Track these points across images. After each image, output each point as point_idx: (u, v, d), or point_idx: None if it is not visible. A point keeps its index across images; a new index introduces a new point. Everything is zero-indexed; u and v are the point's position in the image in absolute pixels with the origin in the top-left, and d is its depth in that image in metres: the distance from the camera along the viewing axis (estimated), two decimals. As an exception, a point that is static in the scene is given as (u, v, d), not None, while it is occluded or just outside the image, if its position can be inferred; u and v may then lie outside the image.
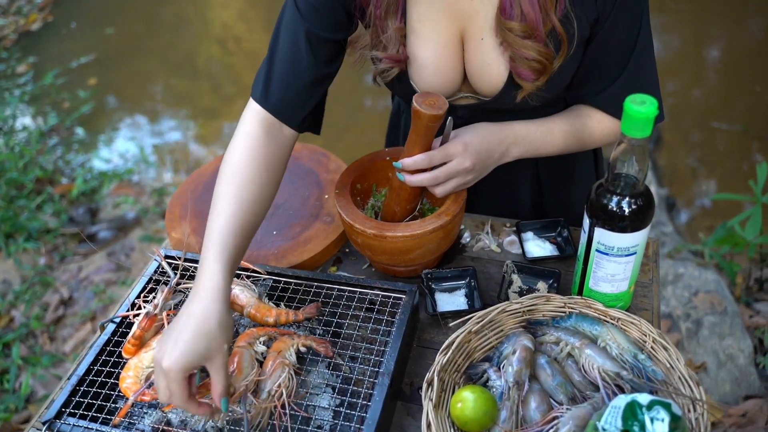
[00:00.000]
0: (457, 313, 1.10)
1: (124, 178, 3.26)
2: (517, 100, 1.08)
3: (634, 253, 0.99)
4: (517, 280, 1.15)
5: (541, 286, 1.14)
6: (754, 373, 2.09)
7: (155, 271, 1.15)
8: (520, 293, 1.14)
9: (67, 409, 0.96)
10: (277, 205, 1.30)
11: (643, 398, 0.82)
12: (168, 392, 0.85)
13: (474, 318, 1.01)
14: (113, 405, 0.99)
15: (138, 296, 1.10)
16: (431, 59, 1.09)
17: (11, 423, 2.17)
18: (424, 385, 0.92)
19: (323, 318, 1.07)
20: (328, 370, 1.01)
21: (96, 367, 1.02)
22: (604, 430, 0.81)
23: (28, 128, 3.69)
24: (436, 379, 0.93)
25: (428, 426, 0.88)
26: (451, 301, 1.14)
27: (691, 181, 3.19)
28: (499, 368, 0.98)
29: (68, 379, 1.01)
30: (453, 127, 1.08)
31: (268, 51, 1.09)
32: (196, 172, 1.41)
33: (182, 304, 1.03)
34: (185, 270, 1.13)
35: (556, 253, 1.20)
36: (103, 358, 1.03)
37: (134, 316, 1.05)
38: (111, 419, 0.96)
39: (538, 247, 1.21)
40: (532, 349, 0.99)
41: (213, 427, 0.94)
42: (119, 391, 0.99)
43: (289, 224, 1.26)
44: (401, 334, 1.00)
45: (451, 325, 1.06)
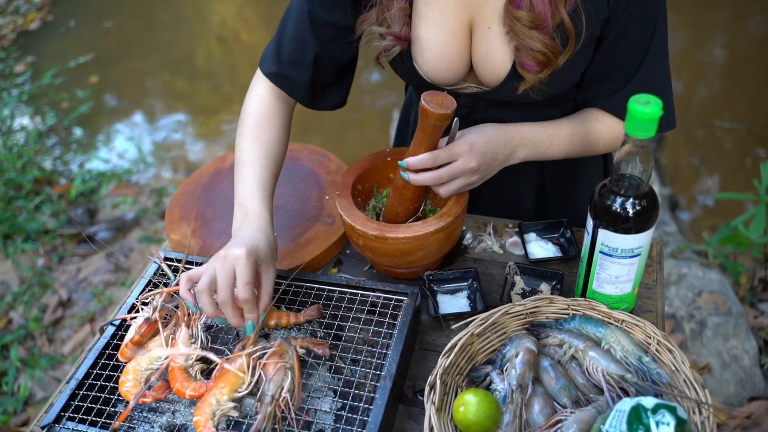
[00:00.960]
0: (459, 316, 1.09)
1: (122, 179, 3.25)
2: (518, 92, 1.08)
3: (639, 255, 0.99)
4: (520, 282, 1.15)
5: (544, 287, 1.14)
6: (759, 375, 2.08)
7: (154, 274, 1.14)
8: (523, 295, 1.14)
9: (67, 414, 0.96)
10: (278, 207, 1.30)
11: (648, 401, 0.82)
12: (225, 279, 0.90)
13: (476, 320, 1.01)
14: (113, 409, 0.99)
15: (137, 298, 1.09)
16: (435, 43, 1.08)
17: (10, 425, 2.17)
18: (427, 389, 0.92)
19: (324, 321, 1.07)
20: (330, 373, 1.01)
21: (95, 371, 1.01)
22: (609, 434, 0.81)
23: (26, 128, 3.69)
24: (438, 382, 0.92)
25: (431, 430, 0.88)
26: (453, 303, 1.13)
27: (694, 180, 3.19)
28: (502, 371, 0.97)
29: (67, 382, 1.01)
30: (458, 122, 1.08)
31: (279, 26, 1.16)
32: (196, 174, 1.40)
33: (179, 307, 1.03)
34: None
35: (559, 254, 1.20)
36: (103, 361, 1.03)
37: (132, 319, 1.05)
38: (111, 423, 0.95)
39: (540, 249, 1.21)
40: (536, 352, 0.98)
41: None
42: (119, 395, 0.98)
43: (290, 226, 1.26)
44: (403, 337, 1.00)
45: (453, 327, 1.06)
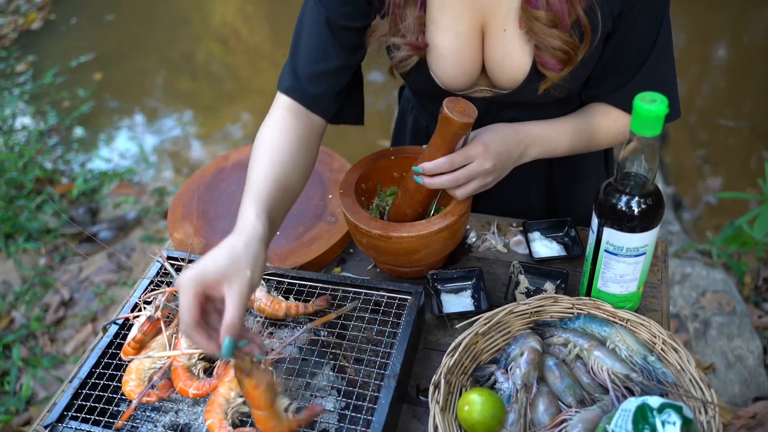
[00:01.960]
0: (463, 315, 1.09)
1: (124, 178, 3.25)
2: (539, 92, 1.08)
3: (644, 254, 0.98)
4: (524, 281, 1.15)
5: (549, 286, 1.14)
6: (764, 375, 2.08)
7: (157, 273, 1.14)
8: (527, 294, 1.14)
9: (69, 413, 0.96)
10: (281, 205, 1.30)
11: (654, 401, 0.81)
12: (180, 310, 0.78)
13: (481, 319, 1.01)
14: (116, 408, 0.99)
15: (140, 297, 1.09)
16: (450, 49, 1.08)
17: (12, 425, 2.17)
18: (431, 388, 0.92)
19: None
20: (333, 372, 1.01)
21: (98, 370, 1.01)
22: (615, 433, 0.81)
23: (28, 128, 3.69)
24: (442, 381, 0.92)
25: (435, 429, 0.88)
26: (458, 302, 1.13)
27: (698, 179, 3.18)
28: (507, 370, 0.97)
29: (70, 381, 1.01)
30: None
31: (292, 44, 1.12)
32: (198, 172, 1.40)
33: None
34: (188, 271, 1.13)
35: (563, 253, 1.20)
36: (105, 360, 1.03)
37: (135, 318, 1.05)
38: (114, 423, 0.95)
39: (545, 248, 1.20)
40: (540, 351, 0.98)
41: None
42: (122, 394, 0.98)
43: (293, 225, 1.26)
44: (407, 336, 1.00)
45: (457, 326, 1.06)
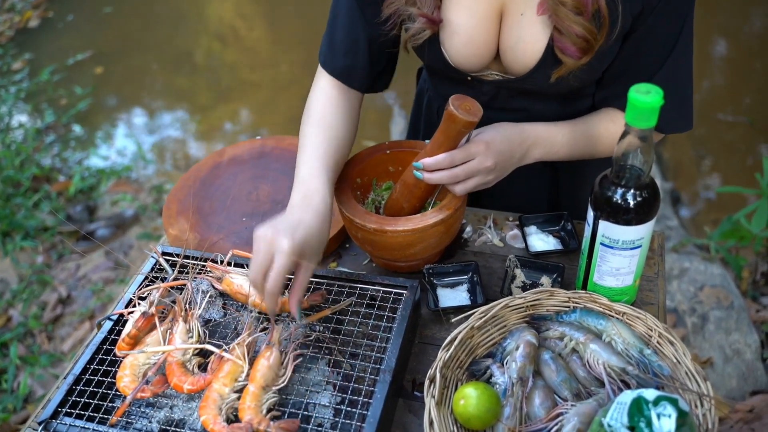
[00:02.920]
0: (459, 309, 1.09)
1: (122, 176, 3.25)
2: (552, 79, 1.06)
3: (639, 246, 0.98)
4: (521, 275, 1.15)
5: (545, 280, 1.13)
6: (761, 369, 2.08)
7: (152, 269, 1.14)
8: (524, 288, 1.13)
9: (64, 409, 0.95)
10: (276, 201, 1.29)
11: (650, 394, 0.81)
12: (269, 264, 0.92)
13: (476, 313, 1.00)
14: (110, 404, 0.98)
15: (134, 293, 1.09)
16: (465, 28, 1.08)
17: (9, 423, 2.17)
18: (426, 382, 0.91)
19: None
20: (329, 367, 1.01)
21: (93, 366, 1.01)
22: (610, 426, 0.80)
23: (25, 125, 3.68)
24: (438, 375, 0.92)
25: (431, 423, 0.88)
26: (453, 296, 1.13)
27: (696, 174, 3.18)
28: (503, 364, 0.97)
29: (65, 378, 1.01)
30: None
31: (329, 17, 1.17)
32: (194, 168, 1.40)
33: (176, 302, 1.03)
34: (183, 267, 1.13)
35: (559, 247, 1.19)
36: (100, 356, 1.02)
37: (129, 314, 1.04)
38: (108, 418, 0.95)
39: (541, 241, 1.20)
40: (536, 345, 0.98)
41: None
42: (117, 390, 0.98)
43: (288, 220, 1.25)
44: (402, 331, 1.00)
45: (453, 320, 1.06)
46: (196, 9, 4.75)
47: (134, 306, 1.06)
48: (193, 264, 1.11)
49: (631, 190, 0.94)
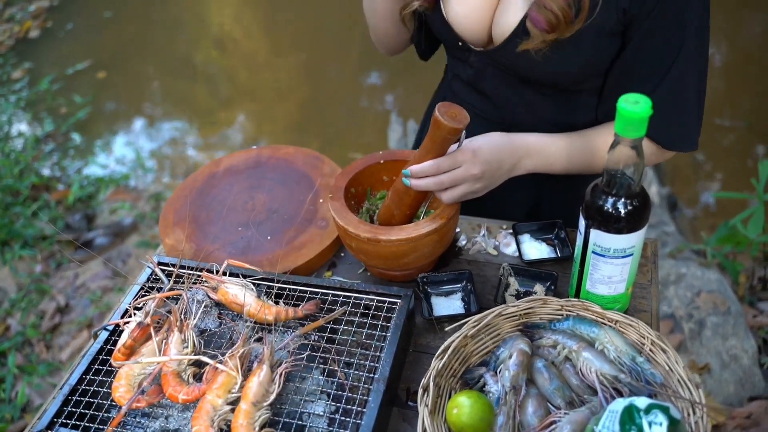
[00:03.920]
0: (453, 318, 1.10)
1: (120, 184, 3.26)
2: (517, 48, 1.07)
3: (631, 255, 0.99)
4: (514, 283, 1.15)
5: (538, 288, 1.14)
6: (759, 374, 2.08)
7: (148, 279, 1.15)
8: (517, 296, 1.14)
9: (60, 419, 0.96)
10: (272, 210, 1.30)
11: (641, 402, 0.82)
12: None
13: (470, 322, 1.01)
14: (106, 414, 0.99)
15: (130, 303, 1.09)
16: None
17: (8, 432, 2.17)
18: (420, 391, 0.92)
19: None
20: (323, 376, 1.01)
21: (88, 377, 1.01)
22: (601, 434, 0.81)
23: (24, 134, 3.69)
24: (431, 384, 0.92)
25: (424, 432, 0.88)
26: (448, 305, 1.14)
27: (693, 180, 3.18)
28: (496, 373, 0.98)
29: (60, 388, 1.01)
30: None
31: None
32: (191, 177, 1.41)
33: (172, 312, 1.03)
34: (179, 277, 1.13)
35: (553, 255, 1.20)
36: (96, 366, 1.03)
37: (125, 324, 1.05)
38: (104, 429, 0.95)
39: (534, 249, 1.21)
40: (529, 353, 0.99)
41: None
42: (112, 400, 0.99)
43: (284, 229, 1.26)
44: (396, 339, 1.00)
45: (447, 329, 1.06)
46: (196, 15, 4.77)
47: (130, 316, 1.07)
48: (189, 274, 1.12)
49: (622, 199, 0.94)
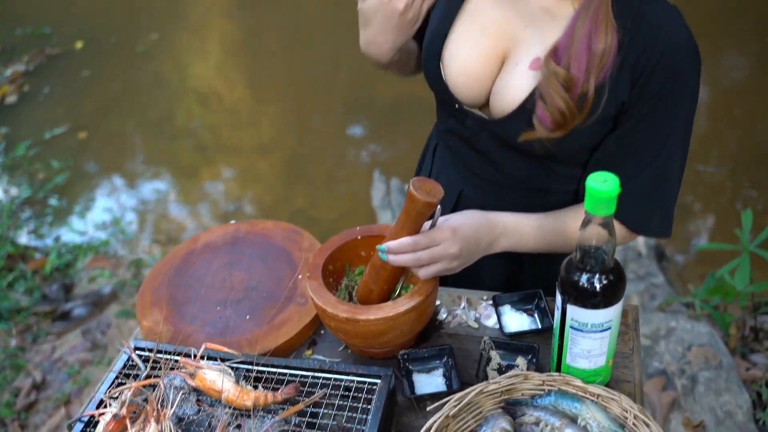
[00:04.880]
0: (434, 396, 1.11)
1: (100, 251, 3.26)
2: (518, 138, 1.11)
3: (609, 329, 1.01)
4: (496, 357, 1.17)
5: (521, 362, 1.16)
6: (755, 430, 2.09)
7: (124, 366, 1.15)
8: (500, 370, 1.15)
9: None
10: (250, 288, 1.32)
11: (623, 484, 0.83)
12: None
13: (451, 401, 1.02)
14: None
15: (106, 393, 1.10)
16: (464, 57, 1.15)
17: None
18: (402, 477, 0.93)
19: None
20: (304, 463, 1.02)
21: (63, 472, 1.01)
22: None
23: (0, 201, 3.70)
24: (413, 470, 0.93)
25: None
26: (429, 381, 1.15)
27: (681, 228, 3.24)
28: (479, 454, 0.98)
29: (34, 485, 1.01)
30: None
31: None
32: (168, 256, 1.42)
33: (149, 401, 1.04)
34: (156, 362, 1.14)
35: (534, 326, 1.22)
36: (71, 461, 1.03)
37: (101, 416, 1.05)
38: None
39: (515, 321, 1.23)
40: (512, 432, 1.00)
41: None
42: (87, 497, 0.98)
43: (262, 307, 1.28)
44: (377, 422, 1.01)
45: (429, 408, 1.07)
46: (177, 69, 4.86)
47: (106, 406, 1.07)
48: (166, 359, 1.13)
49: (597, 275, 0.97)
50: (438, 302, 1.29)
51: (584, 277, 0.98)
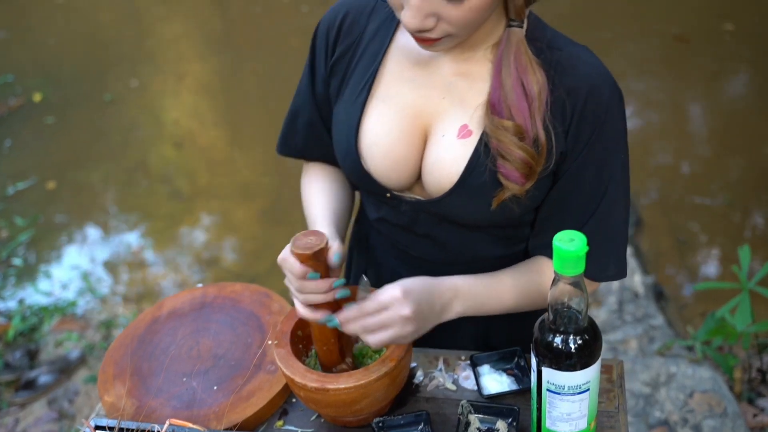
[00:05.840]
0: (411, 467, 1.12)
1: (67, 312, 3.26)
2: (493, 206, 1.12)
3: (588, 390, 1.03)
4: (475, 421, 1.18)
5: (501, 425, 1.17)
6: (764, 481, 2.09)
7: (84, 447, 1.16)
8: (479, 436, 1.17)
9: None
10: (218, 356, 1.33)
11: None
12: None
13: (427, 473, 1.03)
14: None
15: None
16: (384, 142, 1.16)
17: None
18: None
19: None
20: None
21: None
22: None
23: (-39, 264, 3.70)
24: None
25: None
26: (406, 451, 1.16)
27: (679, 265, 3.27)
28: None
29: None
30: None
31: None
32: (131, 325, 1.44)
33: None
34: (117, 442, 1.15)
35: (514, 386, 1.24)
36: None
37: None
38: None
39: (495, 382, 1.24)
40: (491, 505, 1.01)
41: None
42: None
43: (231, 376, 1.29)
44: (351, 499, 1.02)
45: (405, 481, 1.08)
46: (150, 115, 4.90)
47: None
48: (129, 438, 1.14)
49: (571, 336, 1.00)
50: (414, 364, 1.31)
51: (558, 339, 1.00)
